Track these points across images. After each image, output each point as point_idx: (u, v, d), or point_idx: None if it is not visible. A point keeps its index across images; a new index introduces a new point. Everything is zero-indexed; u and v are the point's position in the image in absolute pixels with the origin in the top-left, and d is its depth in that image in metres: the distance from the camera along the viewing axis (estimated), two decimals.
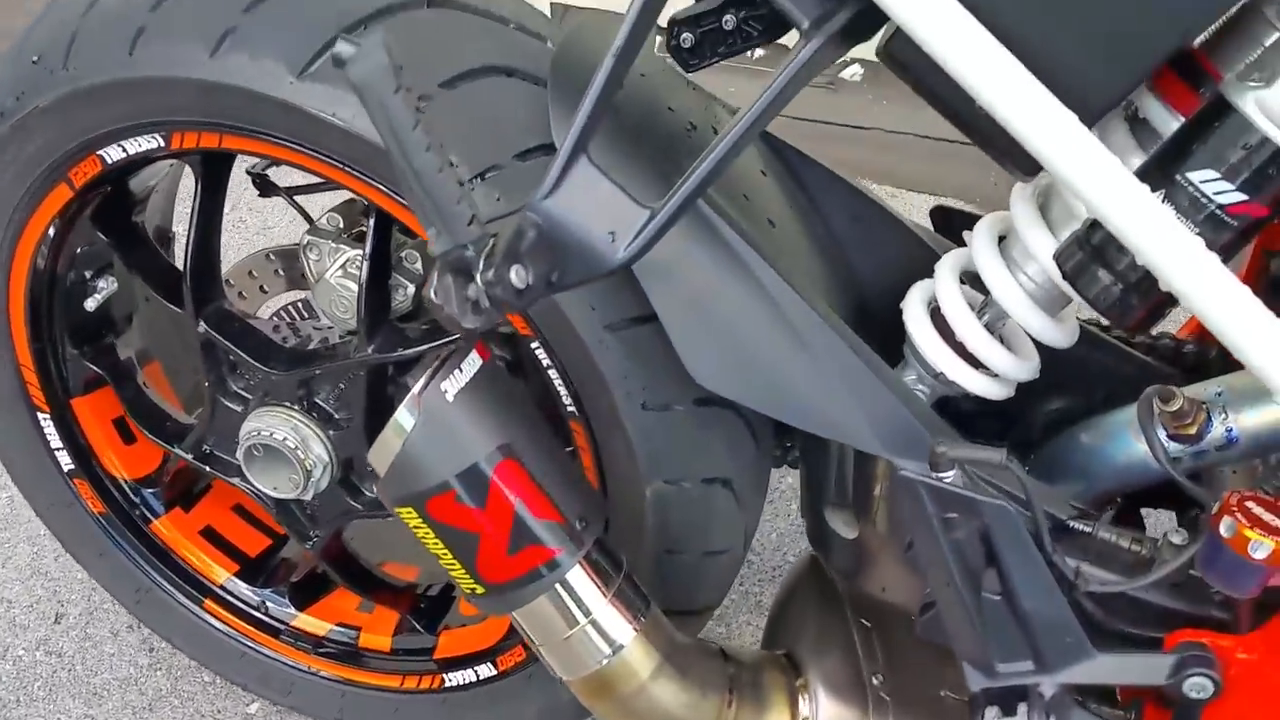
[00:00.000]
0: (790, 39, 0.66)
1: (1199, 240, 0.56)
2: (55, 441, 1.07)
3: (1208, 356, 0.86)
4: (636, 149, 0.69)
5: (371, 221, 0.87)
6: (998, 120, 0.58)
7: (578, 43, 0.76)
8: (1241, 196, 0.58)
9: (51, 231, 0.95)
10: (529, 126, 0.74)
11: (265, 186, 1.02)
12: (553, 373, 0.81)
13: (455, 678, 1.05)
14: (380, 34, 0.56)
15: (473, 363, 0.69)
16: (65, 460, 1.08)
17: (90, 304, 1.03)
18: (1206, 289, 0.56)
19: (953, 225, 0.91)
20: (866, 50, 0.70)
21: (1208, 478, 0.76)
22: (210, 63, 0.77)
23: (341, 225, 0.94)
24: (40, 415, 1.06)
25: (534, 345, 0.80)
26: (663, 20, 0.69)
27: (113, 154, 0.87)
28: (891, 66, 0.66)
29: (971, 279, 0.78)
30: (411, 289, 0.92)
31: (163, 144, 0.85)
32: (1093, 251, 0.64)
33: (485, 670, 1.03)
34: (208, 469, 1.04)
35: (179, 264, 0.99)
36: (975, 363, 0.76)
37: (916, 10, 0.58)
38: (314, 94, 0.75)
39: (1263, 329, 0.56)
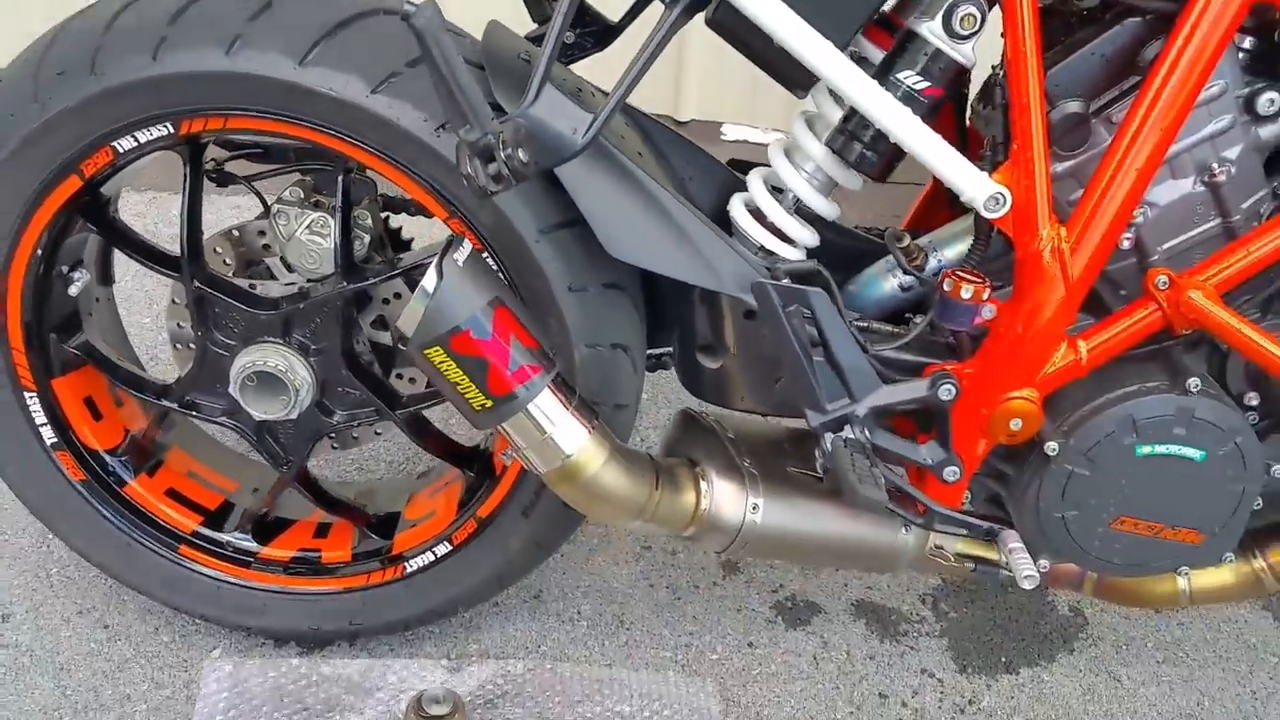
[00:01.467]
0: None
1: (906, 108, 0.99)
2: (40, 419, 1.25)
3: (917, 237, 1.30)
4: (564, 88, 1.04)
5: (340, 184, 1.16)
6: (792, 55, 0.98)
7: (494, 38, 1.11)
8: (927, 83, 1.01)
9: (56, 221, 1.16)
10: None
11: (223, 177, 1.28)
12: (502, 273, 1.12)
13: (416, 562, 1.31)
14: (433, 1, 0.88)
15: (466, 245, 1.01)
16: (49, 435, 1.26)
17: (73, 290, 1.24)
18: (913, 135, 0.98)
19: (746, 168, 1.31)
20: None
21: None
22: (225, 59, 1.05)
23: (302, 195, 1.22)
24: (27, 394, 1.24)
25: (484, 256, 1.12)
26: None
27: (125, 144, 1.11)
28: (718, 30, 1.05)
29: (772, 189, 1.18)
30: (368, 238, 1.21)
31: (171, 131, 1.10)
32: (849, 132, 1.05)
33: (442, 548, 1.29)
34: (194, 414, 1.26)
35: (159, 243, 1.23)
36: (781, 236, 1.15)
37: None
38: (313, 75, 1.05)
39: (944, 152, 0.99)
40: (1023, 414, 1.04)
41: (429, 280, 0.97)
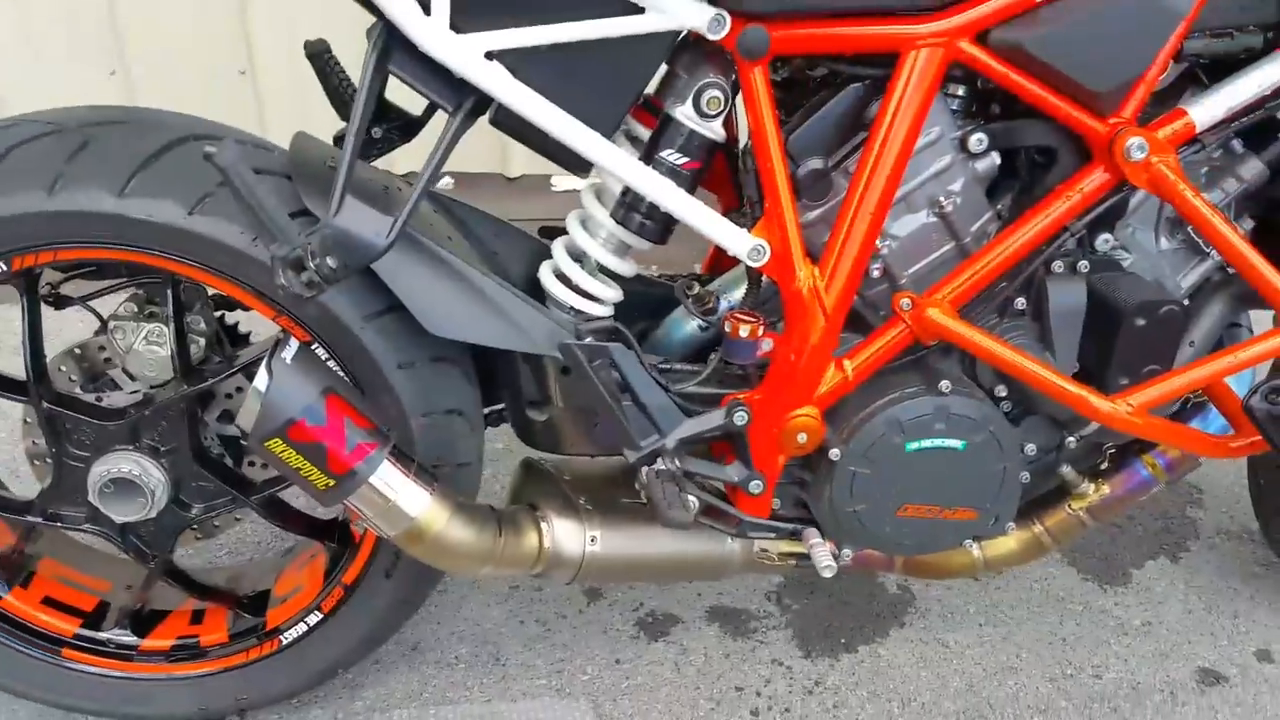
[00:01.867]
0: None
1: (671, 182, 1.13)
2: None
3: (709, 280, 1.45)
4: (366, 192, 1.15)
5: (170, 295, 1.24)
6: (566, 145, 1.12)
7: (301, 148, 1.21)
8: (686, 158, 1.16)
9: None
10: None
11: (59, 300, 1.35)
12: (333, 362, 1.23)
13: (290, 634, 1.39)
14: (231, 139, 0.98)
15: (294, 342, 1.11)
16: None
17: None
18: (679, 205, 1.13)
19: (554, 234, 1.45)
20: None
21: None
22: (49, 199, 1.13)
23: (136, 309, 1.30)
24: None
25: (314, 346, 1.22)
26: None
27: None
28: (500, 129, 1.18)
29: (573, 254, 1.31)
30: (203, 341, 1.30)
31: (4, 268, 1.17)
32: (628, 204, 1.19)
33: (314, 618, 1.39)
34: (58, 525, 1.33)
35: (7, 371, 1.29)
36: (585, 295, 1.29)
37: (508, 95, 1.10)
38: (133, 205, 1.14)
39: (708, 217, 1.14)
40: (806, 429, 1.20)
41: (260, 380, 1.07)
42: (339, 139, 1.33)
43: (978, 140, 1.21)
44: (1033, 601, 1.71)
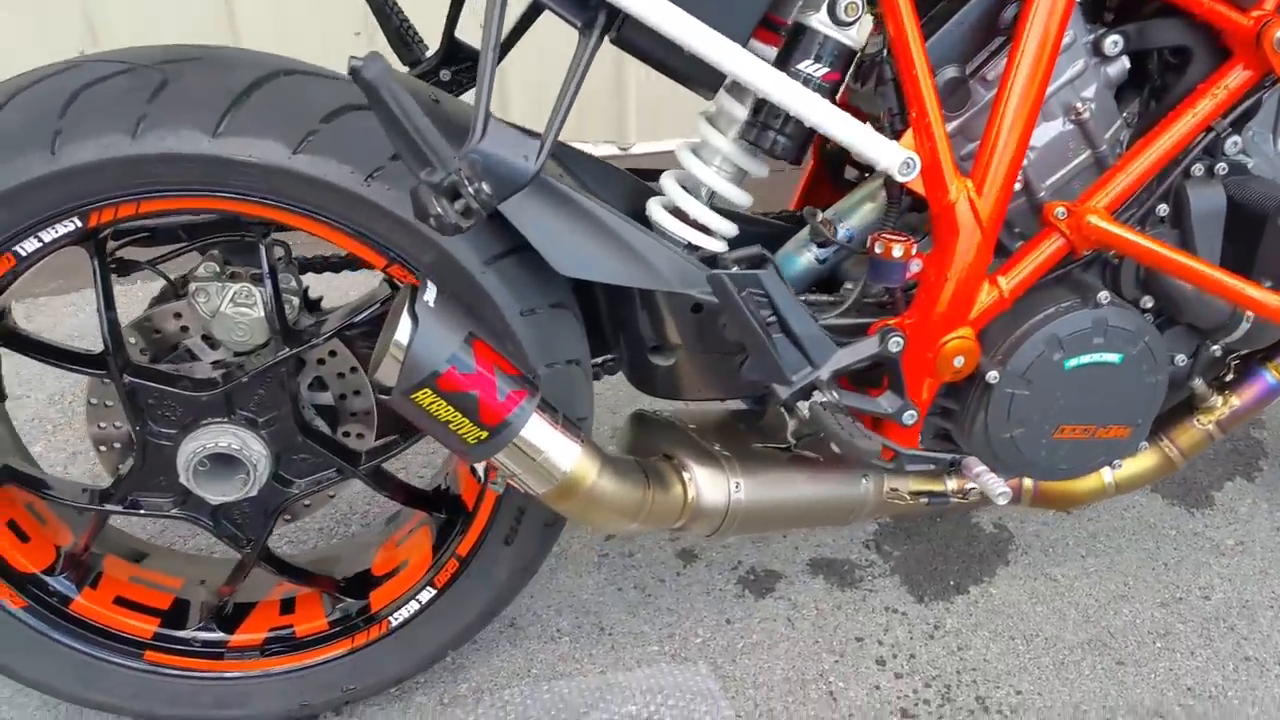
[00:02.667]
0: None
1: (815, 94, 1.06)
2: None
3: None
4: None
5: (264, 250, 1.13)
6: (700, 59, 1.03)
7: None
8: (825, 69, 1.08)
9: None
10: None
11: (124, 266, 1.22)
12: None
13: (400, 614, 1.29)
14: (376, 52, 0.88)
15: (432, 286, 1.01)
16: None
17: None
18: (825, 117, 1.05)
19: (645, 177, 1.36)
20: None
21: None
22: (132, 143, 1.01)
23: (217, 269, 1.18)
24: None
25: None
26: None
27: (28, 247, 1.05)
28: (625, 47, 1.09)
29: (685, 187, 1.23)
30: (297, 300, 1.19)
31: (80, 225, 1.05)
32: (761, 123, 1.11)
33: (426, 594, 1.28)
34: (140, 513, 1.20)
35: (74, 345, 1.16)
36: (702, 230, 1.21)
37: (637, 4, 1.01)
38: (230, 145, 1.02)
39: (856, 128, 1.07)
40: (963, 352, 1.14)
41: (404, 328, 0.97)
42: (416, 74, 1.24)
43: (1112, 43, 1.16)
44: (1127, 530, 1.68)
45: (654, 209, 1.21)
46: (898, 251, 1.10)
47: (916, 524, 1.67)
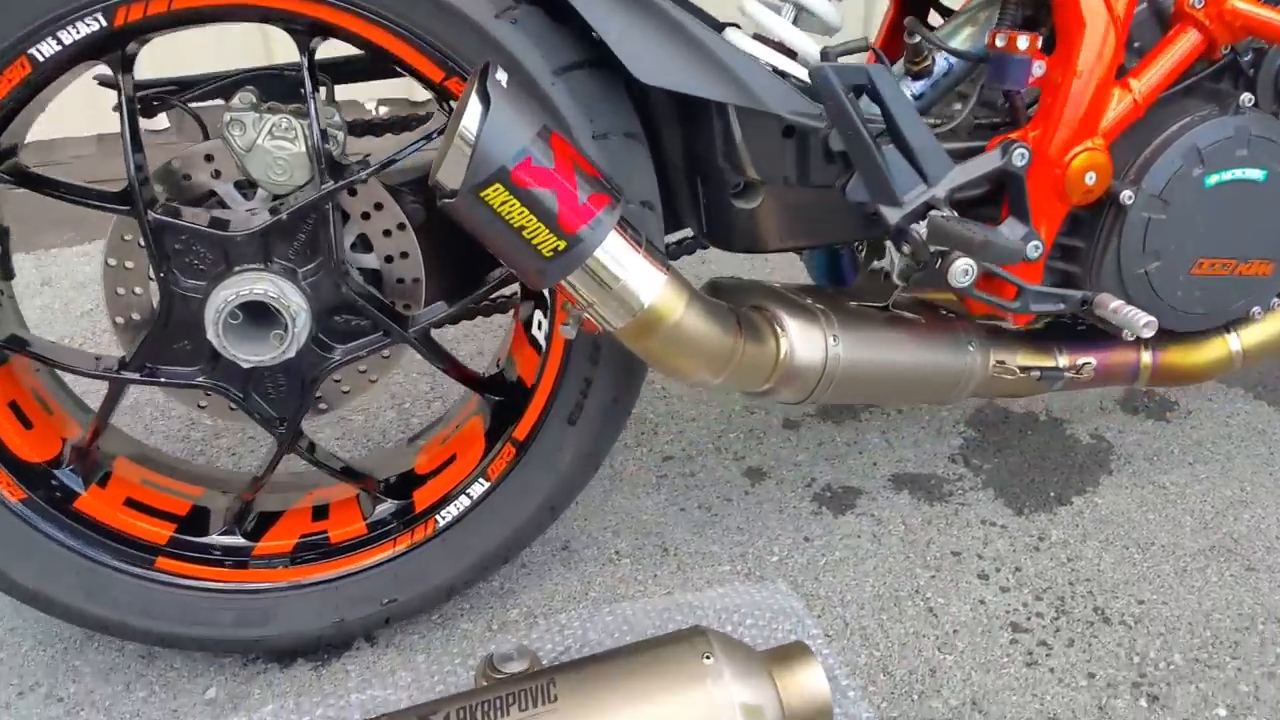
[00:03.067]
0: None
1: None
2: None
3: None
4: None
5: (309, 82, 0.99)
6: None
7: None
8: None
9: None
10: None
11: (149, 106, 1.08)
12: None
13: (449, 512, 1.13)
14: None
15: (502, 71, 0.87)
16: None
17: None
18: None
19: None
20: None
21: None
22: None
23: (254, 100, 1.04)
24: None
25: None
26: None
27: (46, 50, 0.91)
28: None
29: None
30: (342, 135, 1.05)
31: (104, 24, 0.91)
32: None
33: (478, 488, 1.12)
34: (160, 382, 1.05)
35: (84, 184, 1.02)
36: (788, 54, 1.09)
37: None
38: None
39: None
40: (1094, 166, 1.01)
41: (473, 113, 0.83)
42: None
43: None
44: (1234, 436, 1.54)
45: (733, 36, 1.09)
46: (1023, 43, 0.98)
47: (1005, 437, 1.52)
